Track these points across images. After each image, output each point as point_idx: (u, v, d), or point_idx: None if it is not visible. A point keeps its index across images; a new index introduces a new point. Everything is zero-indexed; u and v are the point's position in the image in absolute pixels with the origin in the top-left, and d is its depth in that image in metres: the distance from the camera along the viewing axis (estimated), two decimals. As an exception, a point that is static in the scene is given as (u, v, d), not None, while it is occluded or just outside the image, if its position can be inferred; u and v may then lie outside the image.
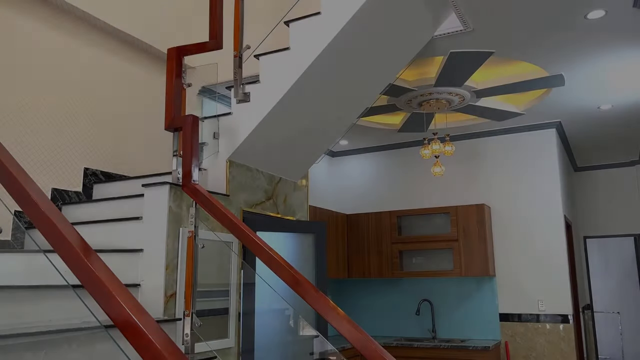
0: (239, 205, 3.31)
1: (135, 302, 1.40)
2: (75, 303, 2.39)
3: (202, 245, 2.69)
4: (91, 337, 2.28)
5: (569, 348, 5.73)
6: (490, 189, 6.38)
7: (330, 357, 4.08)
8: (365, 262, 6.58)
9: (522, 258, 6.10)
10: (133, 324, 1.34)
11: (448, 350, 5.65)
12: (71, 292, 2.37)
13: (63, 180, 3.36)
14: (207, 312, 2.98)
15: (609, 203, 8.15)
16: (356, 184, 7.22)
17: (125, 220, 2.79)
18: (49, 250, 2.37)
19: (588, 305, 8.24)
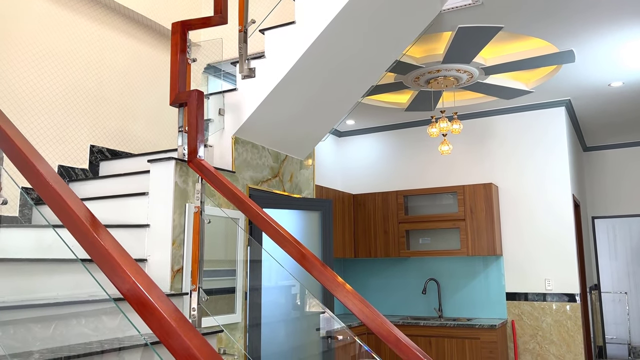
0: (244, 182, 3.30)
1: (144, 275, 1.40)
2: (83, 277, 2.40)
3: (209, 220, 2.69)
4: (99, 311, 2.29)
5: (576, 327, 5.73)
6: (498, 168, 6.34)
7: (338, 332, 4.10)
8: (371, 242, 6.58)
9: (529, 237, 6.08)
10: (143, 297, 1.34)
11: (454, 329, 5.67)
12: (80, 267, 2.39)
13: (69, 157, 3.36)
14: (214, 290, 2.99)
15: (618, 183, 8.08)
16: (363, 164, 7.20)
17: (131, 196, 2.79)
18: (58, 225, 2.38)
19: (595, 285, 8.22)
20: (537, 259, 6.00)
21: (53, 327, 2.15)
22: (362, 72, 3.62)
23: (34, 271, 2.20)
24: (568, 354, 5.71)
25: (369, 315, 2.24)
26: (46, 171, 1.57)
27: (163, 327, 1.31)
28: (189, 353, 1.27)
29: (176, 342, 1.27)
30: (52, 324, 2.16)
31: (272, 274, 3.54)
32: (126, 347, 2.04)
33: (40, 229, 2.50)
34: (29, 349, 1.94)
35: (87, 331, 2.25)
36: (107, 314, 2.35)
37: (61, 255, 2.39)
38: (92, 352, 1.88)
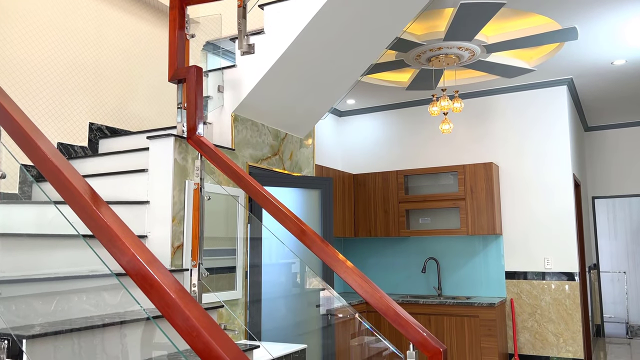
0: (244, 160, 3.30)
1: (143, 247, 1.40)
2: (84, 253, 2.41)
3: (208, 197, 2.69)
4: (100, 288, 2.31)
5: (574, 305, 5.78)
6: (499, 147, 6.33)
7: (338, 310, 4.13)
8: (372, 222, 6.60)
9: (529, 217, 6.09)
10: (142, 269, 1.35)
11: (453, 307, 5.72)
12: (80, 243, 2.40)
13: (68, 135, 3.35)
14: (215, 267, 3.01)
15: (619, 163, 8.07)
16: (363, 144, 7.18)
17: (131, 173, 2.79)
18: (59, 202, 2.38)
19: (594, 265, 8.26)
20: (537, 238, 6.02)
21: (54, 303, 2.17)
22: (362, 49, 3.58)
23: (34, 246, 2.21)
24: (566, 332, 5.76)
25: (369, 291, 2.25)
26: (47, 148, 1.57)
27: (163, 299, 1.31)
28: (189, 324, 1.28)
29: (175, 313, 1.28)
30: (53, 300, 2.18)
31: (273, 251, 3.56)
32: (127, 321, 2.06)
33: (40, 206, 2.50)
34: (31, 323, 1.96)
35: (89, 307, 2.27)
36: (108, 291, 2.37)
37: (62, 231, 2.40)
38: (94, 325, 1.90)
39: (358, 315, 5.45)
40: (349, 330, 5.61)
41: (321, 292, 3.71)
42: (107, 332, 1.98)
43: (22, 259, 2.15)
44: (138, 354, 2.10)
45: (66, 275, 2.08)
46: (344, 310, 5.24)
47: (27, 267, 2.18)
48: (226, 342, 1.23)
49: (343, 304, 4.83)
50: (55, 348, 1.75)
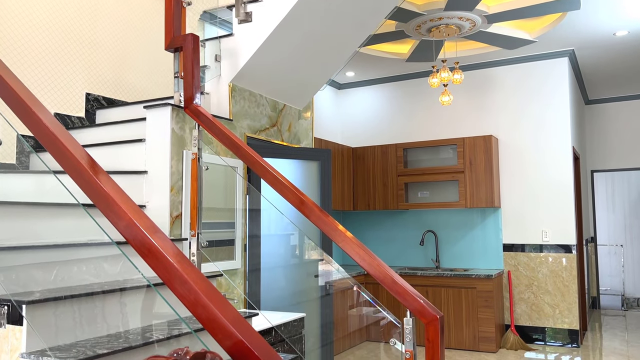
0: (242, 131, 3.28)
1: (143, 215, 1.40)
2: (83, 222, 2.42)
3: (206, 167, 2.69)
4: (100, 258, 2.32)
5: (571, 277, 5.83)
6: (499, 120, 6.30)
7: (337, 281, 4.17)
8: (370, 195, 6.61)
9: (528, 190, 6.10)
10: (140, 235, 1.35)
11: (451, 279, 5.77)
12: (79, 212, 2.40)
13: (65, 105, 3.32)
14: (214, 237, 3.02)
15: (618, 137, 8.04)
16: (362, 117, 7.15)
17: (128, 143, 2.78)
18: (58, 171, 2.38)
19: (592, 238, 8.31)
20: (535, 211, 6.04)
21: (54, 272, 2.18)
22: (361, 18, 3.53)
23: (33, 215, 2.21)
24: (562, 303, 5.82)
25: (366, 259, 2.27)
26: (46, 118, 1.56)
27: (160, 263, 1.32)
28: (187, 287, 1.28)
29: (173, 276, 1.28)
30: (53, 269, 2.19)
31: (272, 223, 3.57)
32: (127, 289, 2.07)
33: (38, 175, 2.50)
34: (31, 291, 1.98)
35: (89, 277, 2.28)
36: (107, 261, 2.38)
37: (61, 201, 2.40)
38: (94, 292, 1.91)
39: (356, 285, 5.50)
40: (347, 300, 5.67)
41: (320, 262, 3.73)
42: (107, 299, 1.99)
43: (21, 227, 2.16)
44: (138, 321, 2.13)
45: (66, 243, 2.09)
46: (343, 281, 5.29)
47: (27, 235, 2.18)
48: (224, 305, 1.24)
49: (342, 274, 4.87)
50: (56, 314, 1.77)
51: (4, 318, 1.72)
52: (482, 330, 5.59)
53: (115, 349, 1.73)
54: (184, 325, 2.16)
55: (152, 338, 1.95)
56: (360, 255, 2.28)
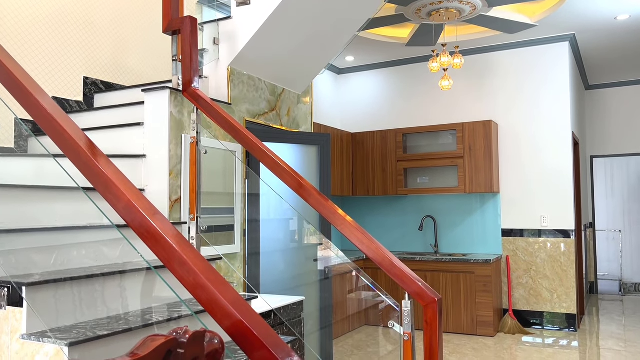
0: (241, 115, 3.27)
1: (142, 196, 1.40)
2: (82, 206, 2.42)
3: (205, 151, 2.68)
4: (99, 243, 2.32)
5: (569, 262, 5.85)
6: (498, 105, 6.28)
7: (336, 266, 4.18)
8: (370, 180, 6.61)
9: (527, 175, 6.10)
10: (141, 217, 1.35)
11: (449, 264, 5.79)
12: (79, 195, 2.40)
13: (63, 89, 3.31)
14: (213, 221, 3.02)
15: (618, 123, 8.03)
16: (362, 102, 7.12)
17: (127, 127, 2.77)
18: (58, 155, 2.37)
19: (590, 223, 8.34)
20: (534, 197, 6.05)
21: (54, 256, 2.19)
22: (361, 1, 3.50)
23: (32, 198, 2.21)
24: (560, 288, 5.86)
25: (365, 242, 2.27)
26: (44, 100, 1.55)
27: (159, 243, 1.32)
28: (186, 268, 1.29)
29: (172, 257, 1.29)
30: (53, 254, 2.19)
31: (271, 207, 3.57)
32: (127, 271, 2.08)
33: (37, 159, 2.49)
34: (31, 273, 1.98)
35: (88, 261, 2.29)
36: (107, 245, 2.39)
37: (60, 184, 2.40)
38: (94, 274, 1.92)
39: (355, 269, 5.52)
40: (346, 284, 5.70)
41: (319, 247, 3.74)
42: (106, 281, 2.00)
43: (20, 210, 2.16)
44: (138, 304, 2.14)
45: (65, 226, 2.09)
46: (342, 265, 5.31)
47: (26, 218, 2.19)
48: (223, 286, 1.25)
49: (341, 259, 4.88)
50: (56, 296, 1.78)
51: (4, 300, 1.72)
52: (481, 314, 5.63)
53: (115, 330, 1.74)
54: (183, 308, 2.17)
55: (152, 320, 1.96)
56: (359, 239, 2.28)
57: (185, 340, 0.97)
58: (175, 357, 0.96)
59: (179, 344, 0.97)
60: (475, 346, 5.20)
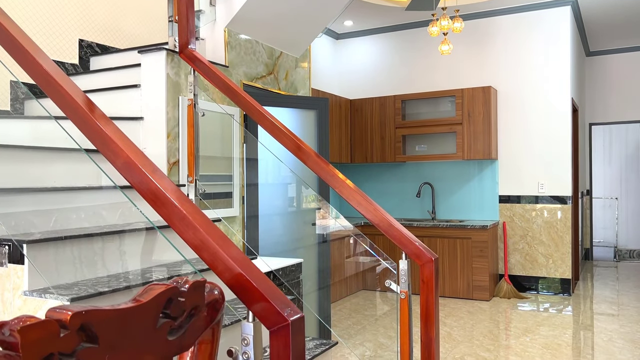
0: (238, 78, 3.24)
1: (140, 152, 1.40)
2: (81, 167, 2.42)
3: (203, 113, 2.67)
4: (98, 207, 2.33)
5: (565, 228, 5.90)
6: (498, 70, 6.23)
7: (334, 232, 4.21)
8: (368, 147, 6.61)
9: (525, 141, 6.09)
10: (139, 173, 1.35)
11: (446, 229, 5.84)
12: (77, 156, 2.40)
13: (58, 52, 3.26)
14: (212, 185, 3.03)
15: (618, 89, 7.98)
16: (360, 68, 7.05)
17: (123, 89, 2.75)
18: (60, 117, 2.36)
19: (587, 191, 8.38)
20: (532, 163, 6.06)
21: (53, 219, 2.20)
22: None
23: (30, 159, 2.21)
24: (556, 253, 5.92)
25: (363, 204, 2.29)
26: (39, 56, 1.53)
27: (158, 198, 1.33)
28: (185, 222, 1.30)
29: (171, 211, 1.29)
30: (52, 217, 2.21)
31: (269, 172, 3.58)
32: (127, 231, 2.10)
33: (33, 120, 2.48)
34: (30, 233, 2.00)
35: (87, 224, 2.30)
36: (106, 209, 2.40)
37: (57, 145, 2.39)
38: (93, 233, 1.93)
39: (353, 233, 5.57)
40: (344, 248, 5.76)
41: (317, 211, 3.77)
42: (106, 241, 2.02)
43: (18, 170, 2.16)
44: (138, 264, 2.16)
45: (63, 187, 2.10)
46: (340, 229, 5.35)
47: (24, 178, 2.19)
48: (223, 240, 1.26)
49: (339, 222, 4.91)
50: (56, 254, 1.80)
51: (5, 257, 1.74)
52: (476, 279, 5.70)
53: (116, 287, 1.76)
54: (183, 268, 2.20)
55: (152, 278, 1.99)
56: (358, 201, 2.29)
57: (186, 290, 0.99)
58: (175, 305, 0.98)
59: (180, 293, 0.98)
60: (470, 309, 5.29)
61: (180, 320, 1.01)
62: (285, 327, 1.14)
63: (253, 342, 1.19)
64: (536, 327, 4.63)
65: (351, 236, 5.52)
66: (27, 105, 2.99)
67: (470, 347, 4.14)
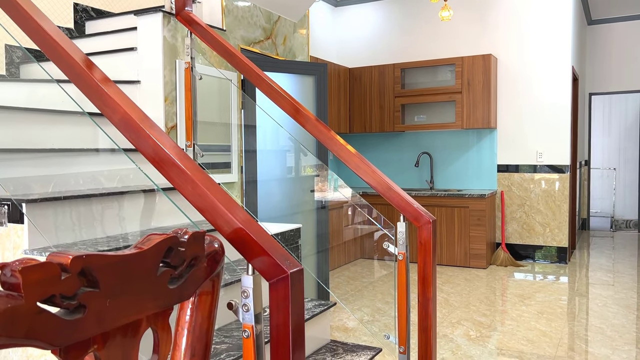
0: (236, 42, 3.20)
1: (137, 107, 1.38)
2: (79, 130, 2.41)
3: (200, 76, 2.64)
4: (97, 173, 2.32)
5: (563, 197, 5.93)
6: (498, 38, 6.16)
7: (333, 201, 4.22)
8: (367, 117, 6.57)
9: (525, 110, 6.07)
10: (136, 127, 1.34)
11: (444, 198, 5.86)
12: (75, 119, 2.38)
13: (53, 16, 3.21)
14: (210, 149, 3.02)
15: (620, 59, 7.91)
16: (360, 35, 6.96)
17: (120, 52, 2.72)
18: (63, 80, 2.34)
19: (586, 161, 8.38)
20: (531, 132, 6.05)
21: (52, 185, 2.20)
22: None
23: (28, 121, 2.20)
24: (553, 222, 5.96)
25: (362, 167, 2.29)
26: (33, 12, 1.50)
27: (157, 154, 1.32)
28: (184, 178, 1.30)
29: (170, 167, 1.29)
30: (50, 183, 2.21)
31: (267, 139, 3.57)
32: (126, 193, 2.10)
33: (30, 84, 2.46)
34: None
35: (86, 190, 2.30)
36: (105, 176, 2.40)
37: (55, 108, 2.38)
38: (93, 194, 1.93)
39: (352, 197, 5.59)
40: (342, 215, 5.79)
41: (316, 177, 3.77)
42: (105, 202, 2.02)
43: (15, 132, 2.15)
44: (137, 225, 2.17)
45: (61, 148, 2.09)
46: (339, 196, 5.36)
47: (23, 141, 2.18)
48: (222, 194, 1.26)
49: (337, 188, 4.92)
50: (55, 214, 1.80)
51: (5, 217, 1.74)
52: (474, 247, 5.75)
53: (116, 247, 1.77)
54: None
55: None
56: (356, 163, 2.29)
57: (186, 240, 0.99)
58: (175, 254, 0.98)
59: (180, 243, 0.98)
60: (467, 277, 5.35)
61: (181, 269, 1.01)
62: (285, 278, 1.15)
63: (253, 295, 1.21)
64: (532, 294, 4.69)
65: (349, 202, 5.54)
66: (23, 69, 2.95)
67: (467, 312, 4.20)
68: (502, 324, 3.89)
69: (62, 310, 0.79)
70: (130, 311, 0.88)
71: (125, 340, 0.90)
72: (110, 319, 0.84)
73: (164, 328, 1.01)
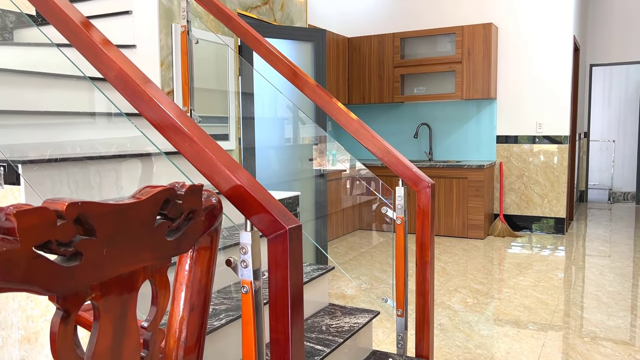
0: (232, 7, 3.14)
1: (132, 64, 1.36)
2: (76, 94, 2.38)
3: (197, 40, 2.60)
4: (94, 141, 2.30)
5: (561, 168, 5.92)
6: (499, 6, 6.06)
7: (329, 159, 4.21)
8: (366, 88, 6.52)
9: (525, 80, 6.02)
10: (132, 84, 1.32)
11: (443, 169, 5.85)
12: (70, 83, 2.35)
13: (45, -21, 3.14)
14: (208, 118, 2.99)
15: (622, 29, 7.81)
16: (359, 4, 6.85)
17: (115, 16, 2.67)
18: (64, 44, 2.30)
19: (585, 133, 8.36)
20: (531, 103, 6.01)
21: (49, 152, 2.18)
22: None
23: (24, 84, 2.17)
24: (551, 193, 5.97)
25: (361, 131, 2.27)
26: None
27: (154, 110, 1.31)
28: (182, 136, 1.28)
29: (167, 125, 1.28)
30: (47, 150, 2.19)
31: (265, 106, 3.53)
32: (122, 156, 2.08)
33: (26, 48, 2.42)
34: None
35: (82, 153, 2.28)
36: (102, 144, 2.38)
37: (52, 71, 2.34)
38: (90, 156, 1.92)
39: (351, 163, 5.59)
40: (341, 184, 5.79)
41: (314, 146, 3.75)
42: (102, 165, 2.01)
43: (12, 95, 2.12)
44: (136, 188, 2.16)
45: (58, 111, 2.07)
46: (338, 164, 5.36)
47: (19, 103, 2.15)
48: (220, 153, 1.25)
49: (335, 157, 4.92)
50: (52, 176, 1.79)
51: (1, 178, 1.73)
52: (472, 218, 5.77)
53: (114, 209, 1.76)
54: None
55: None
56: (355, 128, 2.27)
57: (183, 192, 0.98)
58: (173, 206, 0.97)
59: (177, 195, 0.98)
60: (465, 247, 5.38)
61: (178, 222, 1.01)
62: (283, 234, 1.15)
63: (251, 251, 1.20)
64: (529, 263, 4.72)
65: (348, 172, 5.54)
66: (17, 34, 2.90)
67: (464, 280, 4.23)
68: (499, 292, 3.93)
69: (59, 257, 0.78)
70: (127, 261, 0.87)
71: (123, 291, 0.90)
72: (107, 267, 0.84)
73: (162, 281, 1.01)
